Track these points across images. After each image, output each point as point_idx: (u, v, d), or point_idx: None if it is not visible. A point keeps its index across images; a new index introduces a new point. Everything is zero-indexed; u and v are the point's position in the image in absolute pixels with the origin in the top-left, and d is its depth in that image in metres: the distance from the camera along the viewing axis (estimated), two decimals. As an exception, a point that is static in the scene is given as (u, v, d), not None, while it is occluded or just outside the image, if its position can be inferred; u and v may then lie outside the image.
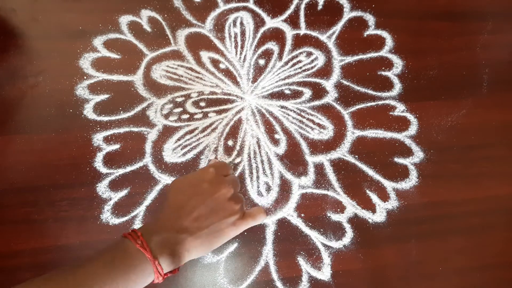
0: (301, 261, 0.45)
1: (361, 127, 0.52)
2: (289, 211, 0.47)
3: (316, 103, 0.53)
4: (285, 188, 0.48)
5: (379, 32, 0.58)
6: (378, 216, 0.48)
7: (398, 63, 0.56)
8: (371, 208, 0.48)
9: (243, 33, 0.56)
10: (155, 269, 0.34)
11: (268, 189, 0.48)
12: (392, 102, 0.54)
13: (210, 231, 0.38)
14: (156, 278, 0.35)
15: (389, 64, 0.56)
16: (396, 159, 0.51)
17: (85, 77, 0.51)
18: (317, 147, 0.50)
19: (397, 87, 0.55)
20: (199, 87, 0.53)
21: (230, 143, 0.50)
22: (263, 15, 0.58)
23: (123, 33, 0.54)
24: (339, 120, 0.52)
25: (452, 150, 0.52)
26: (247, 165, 0.49)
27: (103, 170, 0.47)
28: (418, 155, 0.51)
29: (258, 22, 0.57)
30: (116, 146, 0.48)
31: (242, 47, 0.56)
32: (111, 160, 0.47)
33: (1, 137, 0.47)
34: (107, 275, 0.32)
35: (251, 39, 0.56)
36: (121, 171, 0.47)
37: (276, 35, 0.57)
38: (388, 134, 0.52)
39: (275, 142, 0.50)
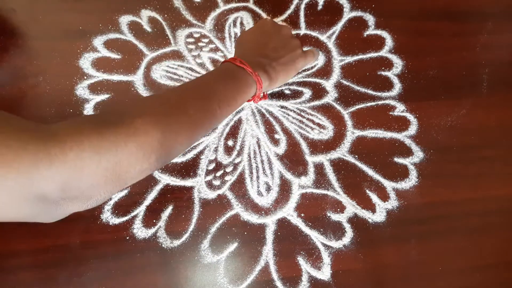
0: (301, 261, 0.45)
1: (361, 127, 0.52)
2: (289, 211, 0.47)
3: (316, 103, 0.53)
4: (285, 188, 0.48)
5: (379, 32, 0.58)
6: (378, 216, 0.48)
7: (398, 63, 0.56)
8: (371, 208, 0.48)
9: (243, 33, 0.56)
10: (256, 79, 0.39)
11: (268, 189, 0.48)
12: (392, 102, 0.54)
13: (287, 60, 0.44)
14: (259, 89, 0.40)
15: (389, 64, 0.56)
16: (396, 159, 0.51)
17: (85, 77, 0.51)
18: (317, 147, 0.50)
19: (397, 87, 0.55)
20: (199, 87, 0.52)
21: (230, 143, 0.50)
22: (263, 15, 0.58)
23: (123, 33, 0.54)
24: (339, 120, 0.52)
25: (452, 150, 0.52)
26: (247, 165, 0.49)
27: (103, 170, 0.47)
28: (418, 155, 0.51)
29: (258, 22, 0.57)
30: (116, 146, 0.48)
31: (242, 47, 0.56)
32: (111, 160, 0.47)
33: (1, 137, 0.47)
34: (221, 83, 0.37)
35: (251, 39, 0.56)
36: (121, 171, 0.47)
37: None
38: (388, 134, 0.52)
39: (275, 142, 0.50)
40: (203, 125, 0.36)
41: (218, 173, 0.48)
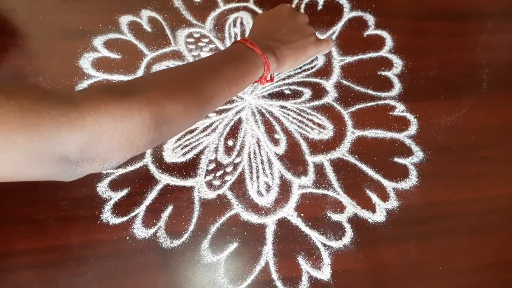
0: (301, 261, 0.45)
1: (361, 127, 0.52)
2: (289, 211, 0.47)
3: (316, 103, 0.53)
4: (285, 188, 0.48)
5: (379, 32, 0.58)
6: (378, 216, 0.48)
7: (398, 63, 0.56)
8: (371, 208, 0.48)
9: (243, 33, 0.56)
10: (264, 62, 0.40)
11: (268, 189, 0.48)
12: (392, 102, 0.54)
13: (298, 46, 0.44)
14: (266, 71, 0.41)
15: (389, 64, 0.56)
16: (396, 159, 0.51)
17: (85, 77, 0.51)
18: (317, 147, 0.50)
19: (397, 87, 0.55)
20: (199, 87, 0.52)
21: (230, 143, 0.50)
22: (263, 15, 0.58)
23: (123, 33, 0.54)
24: (339, 120, 0.52)
25: (452, 150, 0.52)
26: (247, 165, 0.49)
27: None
28: (418, 155, 0.51)
29: (258, 22, 0.57)
30: (116, 146, 0.48)
31: (242, 47, 0.55)
32: (111, 160, 0.47)
33: (1, 137, 0.47)
34: (231, 63, 0.39)
35: (251, 39, 0.56)
36: (121, 171, 0.47)
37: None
38: (388, 134, 0.52)
39: (275, 142, 0.50)
40: (211, 101, 0.37)
41: (218, 173, 0.48)
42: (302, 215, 0.47)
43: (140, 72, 0.52)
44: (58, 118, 0.26)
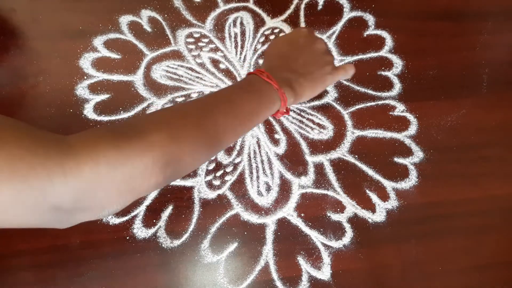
0: (301, 260, 0.45)
1: (361, 127, 0.52)
2: (289, 211, 0.47)
3: (316, 103, 0.53)
4: (285, 188, 0.48)
5: (379, 32, 0.58)
6: (378, 216, 0.48)
7: (398, 63, 0.56)
8: (371, 208, 0.48)
9: (243, 33, 0.56)
10: (281, 97, 0.38)
11: (268, 189, 0.48)
12: (392, 102, 0.54)
13: (315, 76, 0.42)
14: (282, 106, 0.39)
15: (389, 64, 0.56)
16: (396, 159, 0.51)
17: (85, 77, 0.51)
18: (317, 147, 0.50)
19: (397, 87, 0.55)
20: (199, 87, 0.53)
21: (230, 143, 0.50)
22: (263, 15, 0.58)
23: (123, 33, 0.54)
24: (339, 120, 0.52)
25: (452, 150, 0.52)
26: (247, 165, 0.49)
27: (103, 170, 0.47)
28: (418, 155, 0.51)
29: (258, 22, 0.57)
30: (116, 146, 0.48)
31: (242, 47, 0.56)
32: (111, 160, 0.47)
33: (1, 137, 0.47)
34: (244, 98, 0.37)
35: (251, 39, 0.56)
36: (121, 171, 0.47)
37: (276, 35, 0.57)
38: (388, 134, 0.52)
39: (275, 142, 0.50)
40: (221, 141, 0.34)
41: (218, 173, 0.48)
42: (302, 215, 0.47)
43: (140, 72, 0.52)
44: (51, 168, 0.24)
